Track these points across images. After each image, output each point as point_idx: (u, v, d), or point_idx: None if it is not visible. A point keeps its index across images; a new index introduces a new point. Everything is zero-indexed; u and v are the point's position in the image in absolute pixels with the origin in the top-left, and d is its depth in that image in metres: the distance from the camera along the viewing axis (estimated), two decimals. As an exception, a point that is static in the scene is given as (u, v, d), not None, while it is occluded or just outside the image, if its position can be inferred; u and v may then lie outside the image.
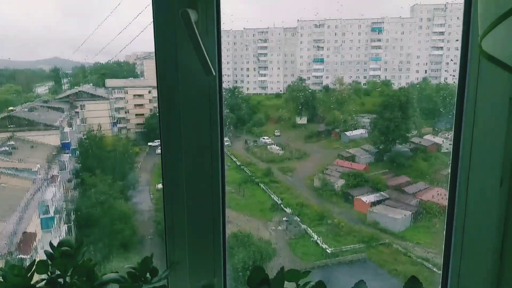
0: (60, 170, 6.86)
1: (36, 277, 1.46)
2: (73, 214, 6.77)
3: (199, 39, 1.31)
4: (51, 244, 1.41)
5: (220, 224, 1.54)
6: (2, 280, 1.35)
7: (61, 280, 1.39)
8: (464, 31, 1.45)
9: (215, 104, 1.44)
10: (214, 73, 1.38)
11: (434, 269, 6.59)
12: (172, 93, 1.45)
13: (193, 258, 1.56)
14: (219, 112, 1.45)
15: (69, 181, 7.19)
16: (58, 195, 6.61)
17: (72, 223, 6.64)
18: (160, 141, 1.55)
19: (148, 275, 1.36)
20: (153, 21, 1.43)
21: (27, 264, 1.42)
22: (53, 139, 6.97)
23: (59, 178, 6.75)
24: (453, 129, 1.61)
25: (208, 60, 1.32)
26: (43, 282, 1.41)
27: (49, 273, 1.43)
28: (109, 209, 6.57)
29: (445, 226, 1.68)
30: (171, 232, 1.57)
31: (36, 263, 1.42)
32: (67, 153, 7.12)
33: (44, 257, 1.46)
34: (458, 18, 9.44)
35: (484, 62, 1.44)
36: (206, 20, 1.40)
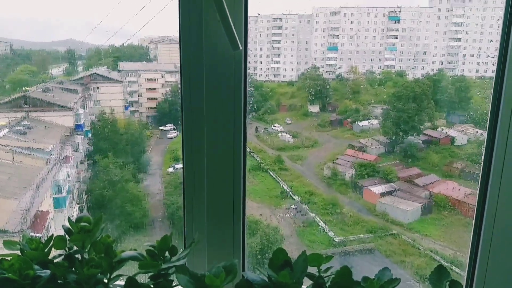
0: (73, 151, 6.92)
1: (53, 253, 1.46)
2: (85, 194, 6.84)
3: (227, 12, 1.27)
4: (69, 219, 1.40)
5: (240, 204, 1.52)
6: (20, 253, 1.34)
7: (78, 256, 1.38)
8: (506, 20, 1.35)
9: (239, 81, 1.41)
10: (240, 48, 1.34)
11: (443, 262, 6.57)
12: (196, 69, 1.42)
13: (212, 239, 1.55)
14: (243, 89, 1.42)
15: (82, 162, 7.25)
16: (71, 175, 6.68)
17: (84, 203, 6.71)
18: (182, 121, 1.53)
19: (167, 254, 1.34)
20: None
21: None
22: (66, 120, 7.03)
23: (72, 159, 6.82)
24: (487, 126, 1.53)
25: (236, 34, 1.28)
26: (61, 258, 1.40)
27: (66, 248, 1.42)
28: (120, 191, 6.64)
29: (473, 226, 1.62)
30: (190, 213, 1.55)
31: (54, 238, 1.41)
32: (80, 135, 7.18)
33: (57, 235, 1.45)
34: (477, 9, 9.23)
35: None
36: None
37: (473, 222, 1.70)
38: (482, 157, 1.58)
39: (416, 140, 8.29)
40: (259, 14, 9.87)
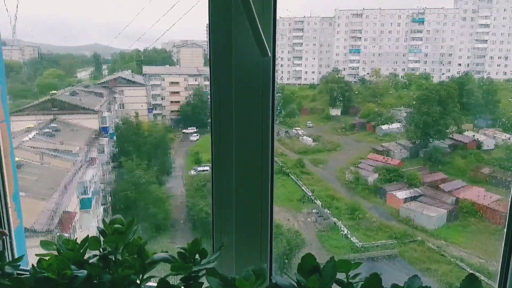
0: (98, 153, 7.08)
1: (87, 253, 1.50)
2: (110, 196, 6.97)
3: (256, 18, 1.29)
4: (103, 221, 1.44)
5: (268, 209, 1.53)
6: (57, 253, 1.39)
7: (112, 257, 1.41)
8: None
9: (268, 88, 1.42)
10: (269, 54, 1.35)
11: (469, 270, 6.40)
12: (225, 75, 1.44)
13: (240, 243, 1.56)
14: (271, 95, 1.43)
15: (107, 164, 7.41)
16: (96, 177, 6.83)
17: (109, 204, 6.84)
18: (211, 126, 1.55)
19: (197, 256, 1.36)
20: (208, 2, 1.42)
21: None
22: (92, 123, 7.20)
23: (97, 161, 6.97)
24: None
25: (265, 41, 1.30)
26: (95, 258, 1.44)
27: (100, 249, 1.46)
28: (144, 193, 6.74)
29: (504, 235, 1.57)
30: (218, 216, 1.57)
31: (89, 239, 1.45)
32: (106, 137, 7.34)
33: (82, 236, 1.49)
34: (505, 9, 8.99)
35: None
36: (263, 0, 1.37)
37: (505, 230, 1.65)
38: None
39: (441, 144, 8.11)
40: (280, 17, 9.87)
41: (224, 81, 1.48)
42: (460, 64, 8.87)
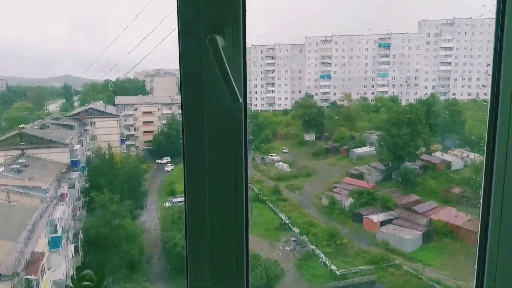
0: (69, 188, 6.83)
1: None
2: (81, 233, 6.70)
3: (227, 66, 1.28)
4: (72, 278, 1.36)
5: (243, 242, 1.48)
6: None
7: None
8: (497, 43, 1.34)
9: (240, 131, 1.40)
10: (241, 101, 1.34)
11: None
12: (197, 118, 1.41)
13: (215, 278, 1.49)
14: (244, 138, 1.41)
15: (78, 199, 7.15)
16: (66, 213, 6.56)
17: (79, 242, 6.56)
18: (183, 155, 1.51)
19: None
20: (179, 48, 1.40)
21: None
22: (63, 157, 6.97)
23: (68, 196, 6.71)
24: (485, 151, 1.52)
25: (236, 88, 1.28)
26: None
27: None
28: (117, 229, 6.48)
29: (476, 256, 1.59)
30: (192, 252, 1.51)
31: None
32: (76, 171, 7.11)
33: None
34: (466, 33, 9.47)
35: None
36: (233, 46, 1.36)
37: (476, 253, 1.66)
38: (482, 189, 1.56)
39: (412, 165, 8.29)
40: (252, 45, 10.05)
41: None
42: (426, 87, 9.23)
